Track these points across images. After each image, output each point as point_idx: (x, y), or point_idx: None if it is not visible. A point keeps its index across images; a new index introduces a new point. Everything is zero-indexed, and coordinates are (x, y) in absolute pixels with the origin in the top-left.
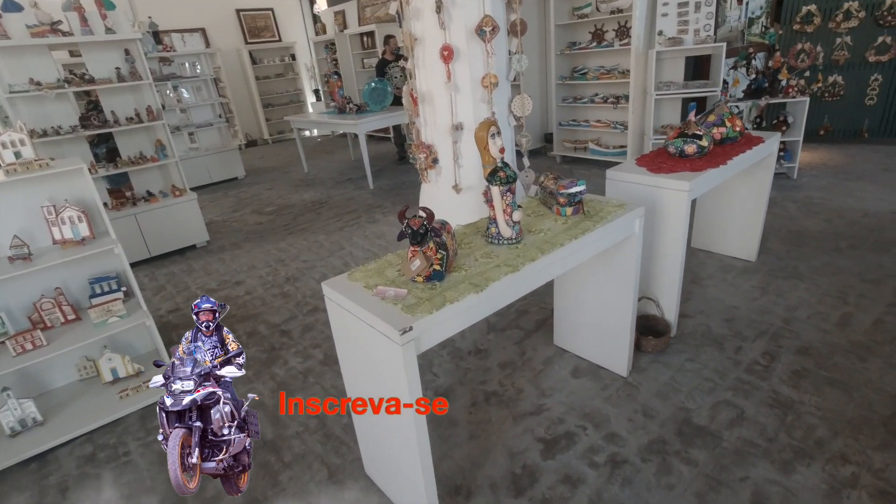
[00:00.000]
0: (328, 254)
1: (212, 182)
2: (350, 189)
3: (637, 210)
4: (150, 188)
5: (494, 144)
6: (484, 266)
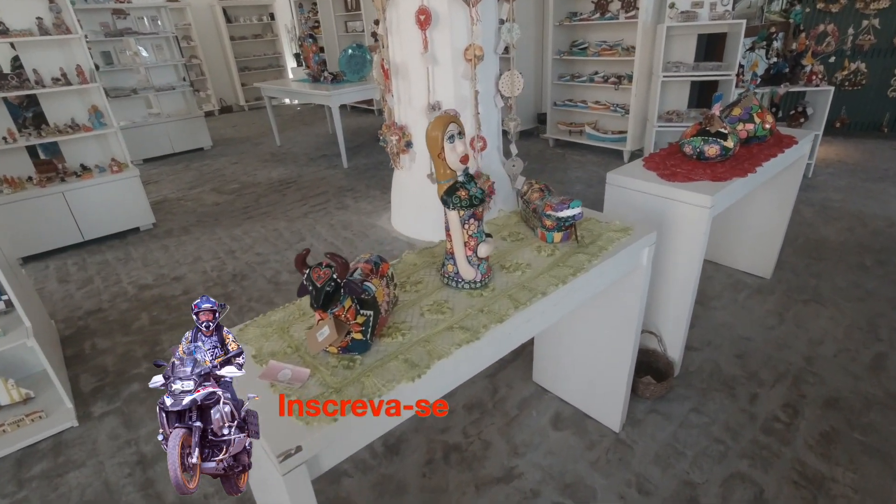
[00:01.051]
0: (286, 246)
1: (174, 152)
2: (322, 167)
3: (647, 237)
4: (87, 161)
5: (453, 151)
6: (431, 327)
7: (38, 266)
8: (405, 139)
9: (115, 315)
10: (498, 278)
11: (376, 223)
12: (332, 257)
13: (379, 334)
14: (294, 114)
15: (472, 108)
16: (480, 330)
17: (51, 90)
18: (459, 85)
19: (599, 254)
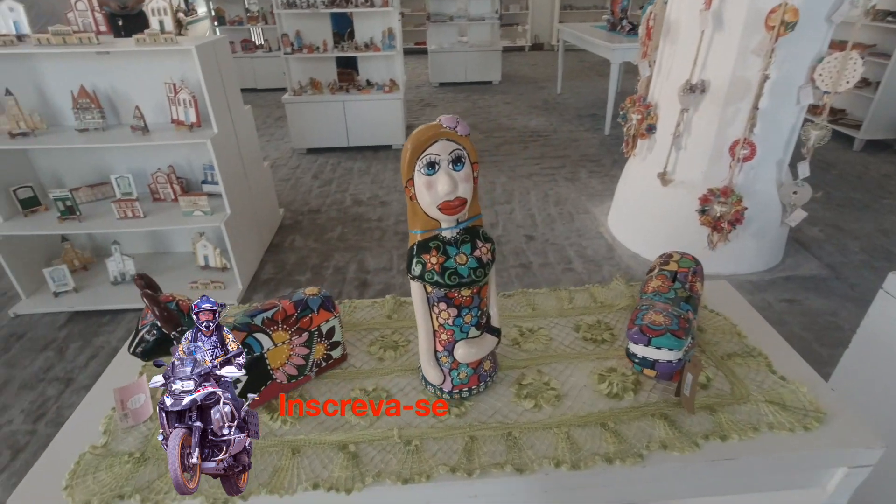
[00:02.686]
0: (488, 203)
1: (465, 81)
2: (581, 128)
3: (866, 451)
4: (372, 77)
5: (429, 188)
6: (312, 427)
7: (310, 158)
8: (648, 121)
9: (323, 220)
10: (494, 395)
11: (592, 210)
12: (139, 282)
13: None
14: (595, 62)
15: (752, 98)
16: (354, 485)
17: (360, 10)
18: (744, 62)
19: (713, 437)
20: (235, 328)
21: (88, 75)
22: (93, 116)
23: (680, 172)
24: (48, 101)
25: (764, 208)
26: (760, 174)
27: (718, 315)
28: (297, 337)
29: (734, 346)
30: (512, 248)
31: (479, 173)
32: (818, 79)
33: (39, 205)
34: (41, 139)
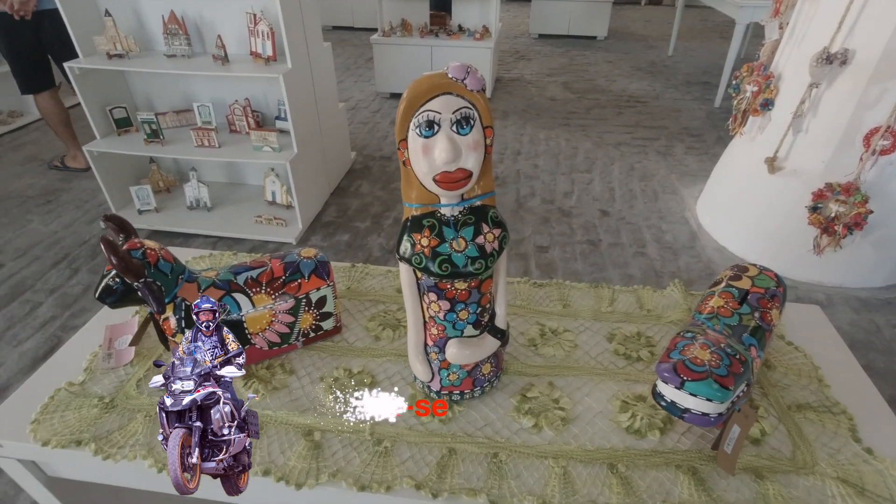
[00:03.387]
0: (567, 170)
1: (567, 34)
2: (689, 97)
3: None
4: (465, 23)
5: (423, 152)
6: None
7: (391, 103)
8: (766, 95)
9: (392, 168)
10: (490, 404)
11: (680, 191)
12: (107, 222)
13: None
14: (721, 22)
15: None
16: (306, 480)
17: None
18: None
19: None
20: (214, 285)
21: (179, 1)
22: (180, 43)
23: (794, 159)
24: (143, 24)
25: (894, 213)
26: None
27: (798, 351)
28: (282, 302)
29: (810, 395)
30: (582, 223)
31: (563, 136)
32: None
33: (131, 125)
34: (133, 62)
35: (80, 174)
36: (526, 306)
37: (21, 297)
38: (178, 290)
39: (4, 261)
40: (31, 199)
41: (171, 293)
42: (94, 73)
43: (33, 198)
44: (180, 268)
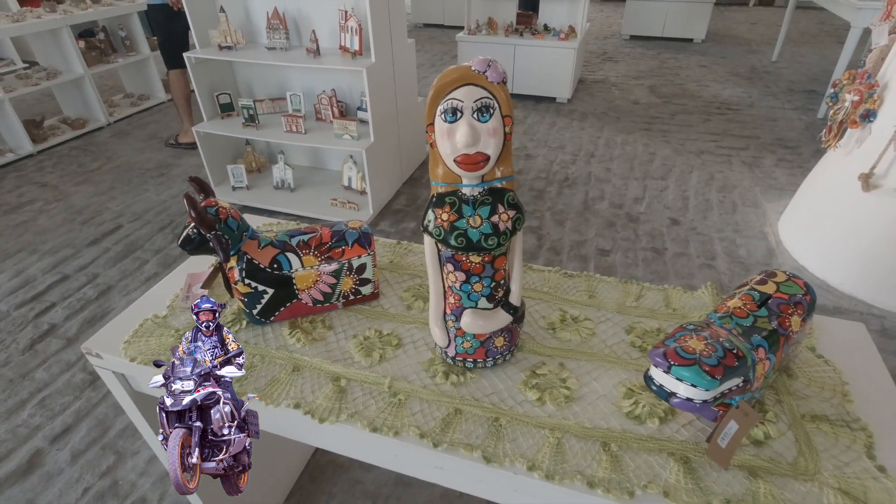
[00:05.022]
0: (640, 176)
1: (662, 36)
2: (790, 106)
3: None
4: (551, 23)
5: (447, 136)
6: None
7: None
8: (867, 105)
9: None
10: (500, 376)
11: (763, 204)
12: (191, 182)
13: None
14: (839, 26)
15: None
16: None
17: None
18: None
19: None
20: (272, 244)
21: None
22: (280, 37)
23: (893, 177)
24: (250, 19)
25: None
26: None
27: (828, 364)
28: (327, 265)
29: (829, 408)
30: (649, 229)
31: (641, 141)
32: None
33: (233, 110)
34: (239, 53)
35: (189, 151)
36: (552, 293)
37: (133, 254)
38: (241, 244)
39: (123, 223)
40: (149, 172)
41: (236, 246)
42: (207, 62)
43: (150, 170)
44: (245, 226)
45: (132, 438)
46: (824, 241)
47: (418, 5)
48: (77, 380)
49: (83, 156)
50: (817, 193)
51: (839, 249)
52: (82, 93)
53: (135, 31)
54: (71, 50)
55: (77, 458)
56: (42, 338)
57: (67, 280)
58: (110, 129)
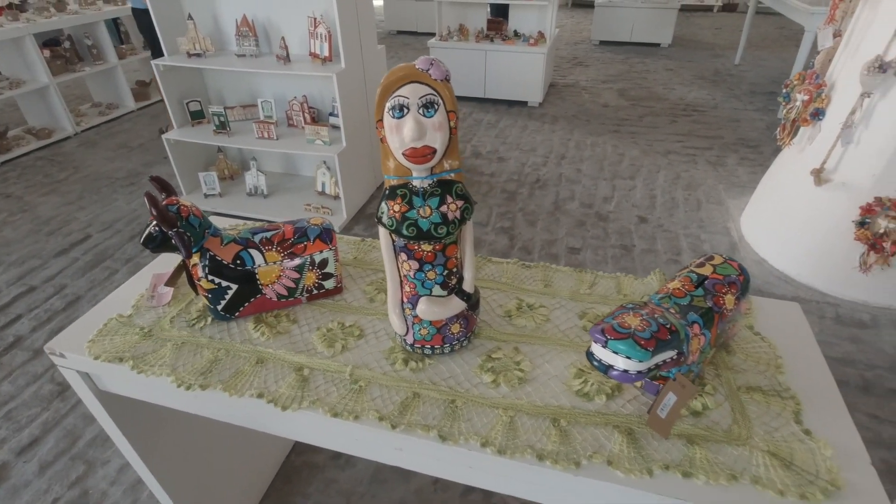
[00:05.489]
0: (609, 176)
1: (630, 41)
2: (752, 107)
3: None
4: (521, 28)
5: (395, 132)
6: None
7: None
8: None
9: None
10: (458, 361)
11: (726, 202)
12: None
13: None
14: (798, 30)
15: None
16: (290, 404)
17: None
18: None
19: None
20: (234, 241)
21: (251, 5)
22: (249, 44)
23: (842, 172)
24: (219, 27)
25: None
26: None
27: (764, 341)
28: (289, 261)
29: (763, 380)
30: (618, 227)
31: (611, 142)
32: None
33: (204, 117)
34: (209, 60)
35: (160, 160)
36: (510, 283)
37: (102, 263)
38: (204, 241)
39: (92, 233)
40: (118, 181)
41: (198, 243)
42: (175, 70)
43: (120, 179)
44: (207, 223)
45: (102, 448)
46: (782, 234)
47: (391, 13)
48: (45, 391)
49: (49, 166)
50: (775, 190)
51: (796, 242)
52: (47, 102)
53: (101, 40)
54: (35, 59)
55: (45, 470)
56: (7, 350)
57: (34, 291)
58: (78, 139)
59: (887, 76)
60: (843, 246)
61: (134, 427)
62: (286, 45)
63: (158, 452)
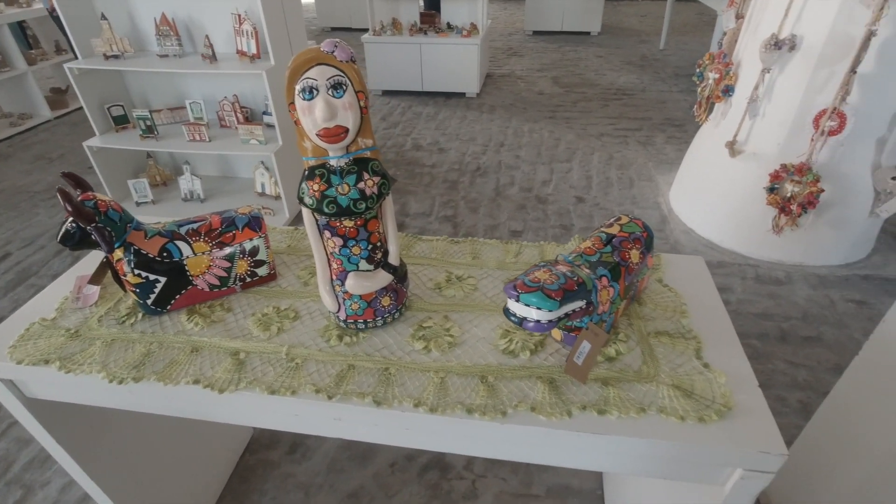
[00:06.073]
0: (547, 160)
1: (560, 30)
2: (676, 88)
3: (756, 457)
4: (454, 20)
5: (307, 113)
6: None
7: (383, 100)
8: (726, 82)
9: None
10: (391, 332)
11: (656, 178)
12: (64, 178)
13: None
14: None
15: (851, 59)
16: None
17: None
18: (848, 15)
19: (590, 409)
20: (159, 234)
21: (170, 3)
22: (171, 43)
23: (753, 143)
24: (137, 26)
25: (848, 193)
26: (851, 153)
27: (671, 291)
28: (219, 250)
29: (670, 325)
30: (557, 209)
31: (547, 128)
32: None
33: (128, 122)
34: (128, 62)
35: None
36: (440, 258)
37: (27, 281)
38: (126, 235)
39: (12, 250)
40: (38, 195)
41: (120, 238)
42: (92, 73)
43: (39, 193)
44: (128, 217)
45: (41, 469)
46: (706, 205)
47: (322, 9)
48: None
49: None
50: (696, 164)
51: (717, 211)
52: None
53: (7, 46)
54: None
55: None
56: None
57: None
58: None
59: (782, 52)
60: (757, 211)
61: (71, 436)
62: (211, 44)
63: (101, 462)
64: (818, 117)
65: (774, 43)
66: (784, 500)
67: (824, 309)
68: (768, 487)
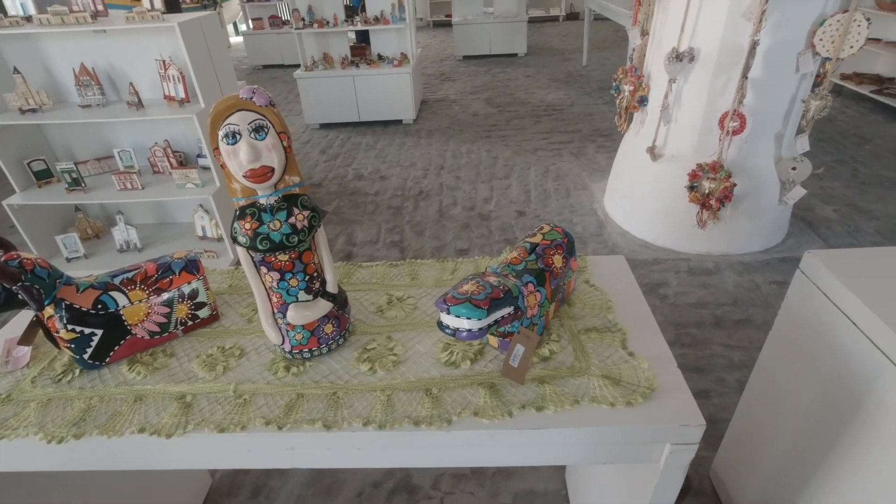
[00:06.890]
0: (487, 178)
1: (489, 54)
2: (602, 101)
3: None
4: (384, 51)
5: (233, 157)
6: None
7: (321, 134)
8: (640, 92)
9: (322, 194)
10: (336, 358)
11: (590, 186)
12: None
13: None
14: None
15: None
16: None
17: None
18: (735, 27)
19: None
20: (92, 286)
21: (88, 53)
22: (93, 93)
23: (670, 147)
24: (54, 78)
25: (758, 185)
26: (755, 148)
27: (597, 290)
28: (156, 297)
29: (598, 321)
30: (499, 224)
31: (484, 147)
32: (818, 44)
33: (52, 176)
34: (47, 115)
35: (6, 231)
36: (380, 283)
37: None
38: (56, 291)
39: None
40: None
41: (49, 295)
42: (7, 128)
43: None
44: (57, 273)
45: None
46: (636, 207)
47: (252, 48)
48: None
49: None
50: (624, 170)
51: (647, 212)
52: None
53: None
54: None
55: None
56: None
57: None
58: None
59: (684, 63)
60: (682, 209)
61: None
62: (136, 91)
63: None
64: (722, 119)
65: (676, 55)
66: (730, 470)
67: (751, 293)
68: (714, 461)
